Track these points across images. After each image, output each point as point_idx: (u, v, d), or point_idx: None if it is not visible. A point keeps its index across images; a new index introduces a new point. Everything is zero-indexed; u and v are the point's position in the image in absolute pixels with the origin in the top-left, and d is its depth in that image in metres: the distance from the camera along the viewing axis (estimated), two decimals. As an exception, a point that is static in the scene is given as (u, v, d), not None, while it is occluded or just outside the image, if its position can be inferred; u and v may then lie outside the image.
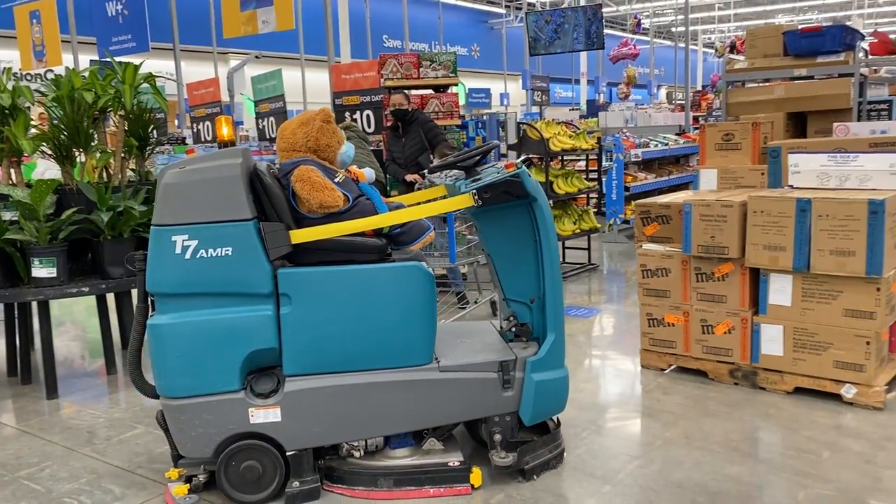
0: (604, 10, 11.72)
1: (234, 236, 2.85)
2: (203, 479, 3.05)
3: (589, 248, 7.98)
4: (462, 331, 3.61)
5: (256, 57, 13.28)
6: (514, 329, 3.34)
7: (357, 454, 3.08)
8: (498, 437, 3.13)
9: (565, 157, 8.22)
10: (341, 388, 2.99)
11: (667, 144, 10.41)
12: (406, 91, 6.79)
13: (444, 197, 3.42)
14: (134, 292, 4.87)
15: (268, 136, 9.94)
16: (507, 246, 3.25)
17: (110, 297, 4.98)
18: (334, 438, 3.05)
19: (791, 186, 4.25)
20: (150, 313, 3.00)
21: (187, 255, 2.84)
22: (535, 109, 20.39)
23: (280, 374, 3.00)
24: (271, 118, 9.72)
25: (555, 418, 3.38)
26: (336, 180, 3.14)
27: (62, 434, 3.87)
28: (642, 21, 25.98)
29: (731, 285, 4.19)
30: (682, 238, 4.28)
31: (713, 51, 23.13)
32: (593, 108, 17.90)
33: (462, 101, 17.26)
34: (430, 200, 3.46)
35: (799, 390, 4.00)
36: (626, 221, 9.36)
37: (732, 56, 13.87)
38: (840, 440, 3.45)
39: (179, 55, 13.56)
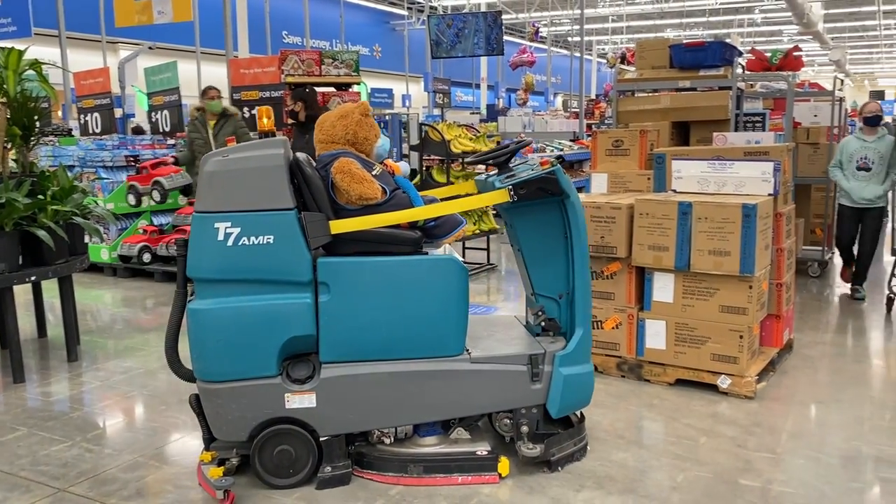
0: (504, 17, 12.00)
1: (276, 225, 2.90)
2: (236, 462, 3.09)
3: (488, 249, 8.19)
4: (491, 324, 3.68)
5: (150, 48, 12.79)
6: (542, 323, 3.39)
7: (387, 441, 3.16)
8: (525, 428, 3.19)
9: (465, 160, 8.37)
10: (375, 375, 3.05)
11: (562, 150, 10.76)
12: (302, 90, 6.72)
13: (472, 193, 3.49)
14: (17, 288, 4.64)
15: (161, 130, 9.59)
16: (538, 242, 3.33)
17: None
18: (366, 425, 3.12)
19: (674, 191, 4.52)
20: (189, 298, 3.02)
21: (229, 242, 2.88)
22: (436, 112, 20.58)
23: (316, 361, 3.05)
24: (165, 111, 9.38)
25: (578, 412, 3.45)
26: (374, 173, 3.16)
27: (-66, 439, 3.64)
28: (540, 30, 26.70)
29: (618, 283, 4.42)
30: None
31: (606, 61, 24.07)
32: (493, 113, 18.23)
33: (364, 101, 17.19)
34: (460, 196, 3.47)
35: (680, 382, 4.26)
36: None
37: (623, 67, 14.50)
38: (716, 427, 3.71)
39: (65, 42, 12.87)
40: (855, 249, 6.50)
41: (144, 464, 3.37)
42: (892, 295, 5.90)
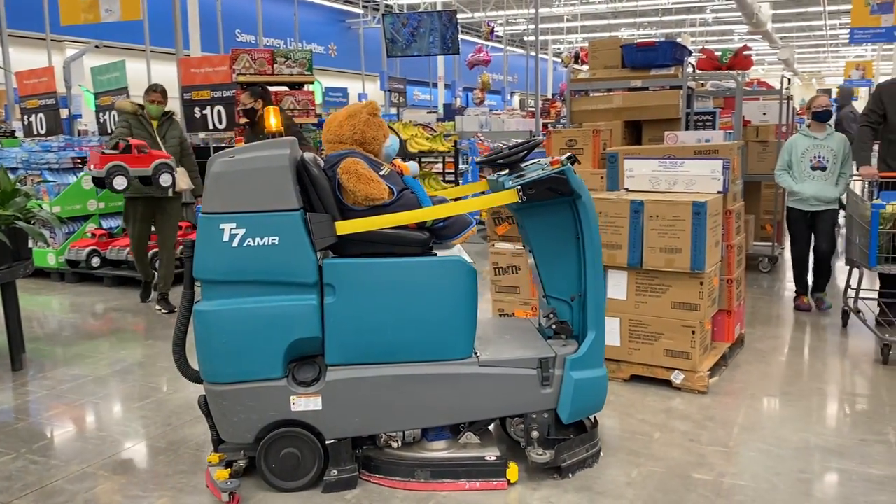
0: (459, 16, 12.01)
1: (281, 226, 2.88)
2: (243, 465, 3.08)
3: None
4: (502, 326, 3.61)
5: (97, 47, 12.47)
6: (553, 326, 3.33)
7: (395, 445, 3.12)
8: (535, 433, 3.14)
9: (423, 159, 8.37)
10: (382, 378, 3.01)
11: (518, 148, 10.81)
12: (256, 88, 6.64)
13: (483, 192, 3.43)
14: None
15: (109, 131, 9.36)
16: (549, 243, 3.26)
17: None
18: (373, 429, 3.07)
19: (626, 189, 4.57)
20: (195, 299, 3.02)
21: (234, 243, 2.87)
22: (393, 111, 20.52)
23: (322, 363, 3.02)
24: (114, 112, 9.17)
25: (591, 417, 3.40)
26: (381, 173, 3.11)
27: None
28: (496, 29, 26.82)
29: (522, 278, 4.44)
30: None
31: (561, 61, 24.29)
32: (450, 112, 18.23)
33: (318, 100, 17.06)
34: (469, 196, 3.44)
35: (635, 378, 4.31)
36: (480, 222, 9.64)
37: (577, 67, 14.63)
38: (669, 422, 3.76)
39: (7, 41, 12.49)
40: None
41: (93, 474, 3.28)
42: (847, 308, 5.39)
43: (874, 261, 4.68)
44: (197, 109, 8.08)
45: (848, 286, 5.40)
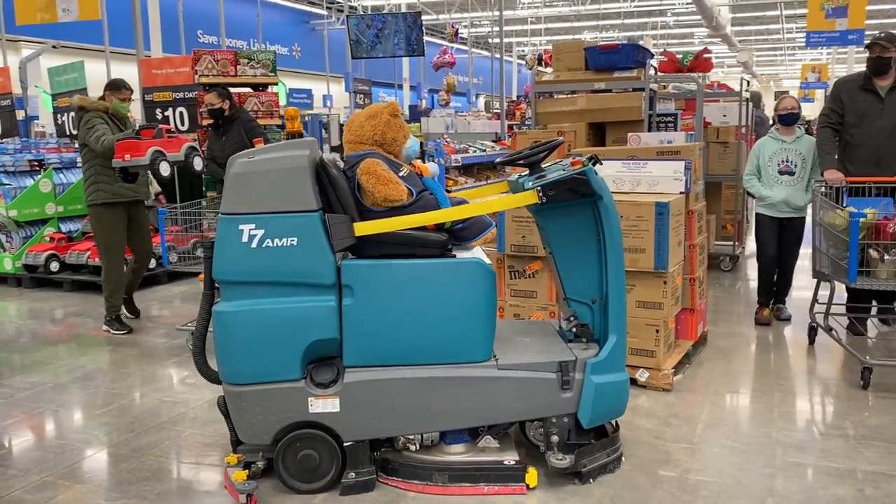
0: (424, 18, 12.02)
1: (299, 227, 2.88)
2: (262, 466, 3.07)
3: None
4: (522, 329, 3.56)
5: (54, 47, 12.23)
6: (574, 329, 3.29)
7: (413, 448, 3.09)
8: (555, 438, 3.10)
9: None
10: (400, 381, 3.00)
11: (484, 150, 10.85)
12: (222, 88, 6.57)
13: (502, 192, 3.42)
14: None
15: (68, 133, 9.18)
16: (570, 244, 3.22)
17: None
18: (391, 431, 3.06)
19: (592, 190, 4.60)
20: (216, 300, 3.02)
21: (253, 244, 2.87)
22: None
23: (340, 365, 3.01)
24: (72, 113, 8.99)
25: (613, 422, 3.37)
26: (401, 174, 3.09)
27: None
28: (460, 31, 26.89)
29: (540, 282, 4.48)
30: (497, 238, 4.51)
31: (525, 63, 24.45)
32: (416, 114, 18.22)
33: (282, 101, 16.92)
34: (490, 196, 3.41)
35: (601, 377, 4.35)
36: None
37: (541, 69, 14.74)
38: (635, 420, 3.80)
39: (-39, 40, 12.17)
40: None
41: (53, 483, 3.21)
42: (814, 324, 5.04)
43: (854, 275, 4.25)
44: (158, 111, 7.95)
45: (815, 300, 5.01)
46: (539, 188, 3.00)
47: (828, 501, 2.99)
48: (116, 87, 5.71)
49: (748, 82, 8.98)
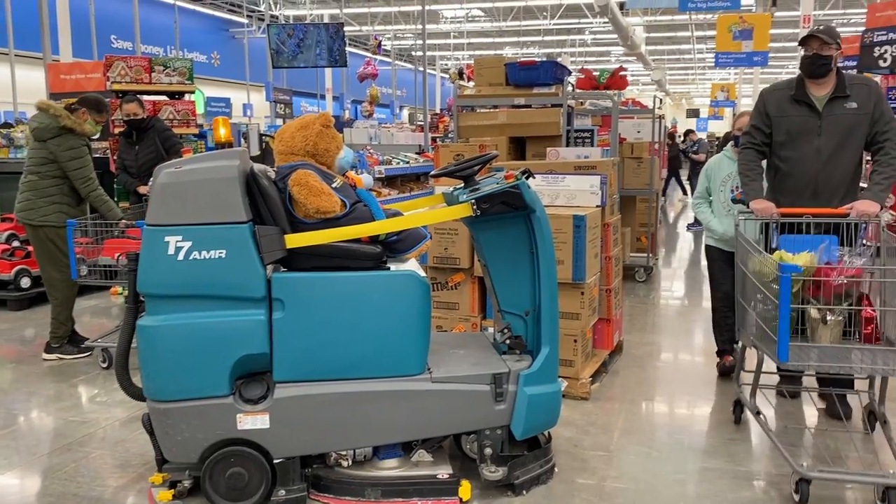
0: (347, 29, 11.97)
1: (228, 239, 2.80)
2: (188, 485, 2.97)
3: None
4: (455, 341, 3.52)
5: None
6: (507, 341, 3.27)
7: (345, 463, 3.04)
8: (488, 450, 3.09)
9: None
10: (332, 396, 2.94)
11: (408, 162, 10.87)
12: (140, 98, 6.37)
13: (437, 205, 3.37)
14: None
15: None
16: (504, 257, 3.21)
17: None
18: (323, 447, 3.00)
19: (512, 203, 4.67)
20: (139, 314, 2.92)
21: (180, 257, 2.78)
22: (279, 122, 20.14)
23: (270, 380, 2.94)
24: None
25: (546, 433, 3.35)
26: (334, 185, 3.01)
27: None
28: (384, 43, 26.91)
29: (462, 293, 4.51)
30: (418, 250, 4.52)
31: (448, 76, 24.68)
32: (339, 124, 18.11)
33: (200, 110, 16.51)
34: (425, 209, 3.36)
35: (521, 387, 4.40)
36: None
37: (462, 83, 14.91)
38: (554, 428, 3.86)
39: None
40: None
41: (-54, 513, 3.01)
42: (742, 401, 3.88)
43: (785, 353, 2.98)
44: (67, 118, 7.61)
45: (741, 367, 3.94)
46: (473, 201, 3.02)
47: (735, 504, 3.11)
48: (99, 109, 5.27)
49: (661, 100, 9.32)
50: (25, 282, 6.67)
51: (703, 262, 5.34)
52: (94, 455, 3.59)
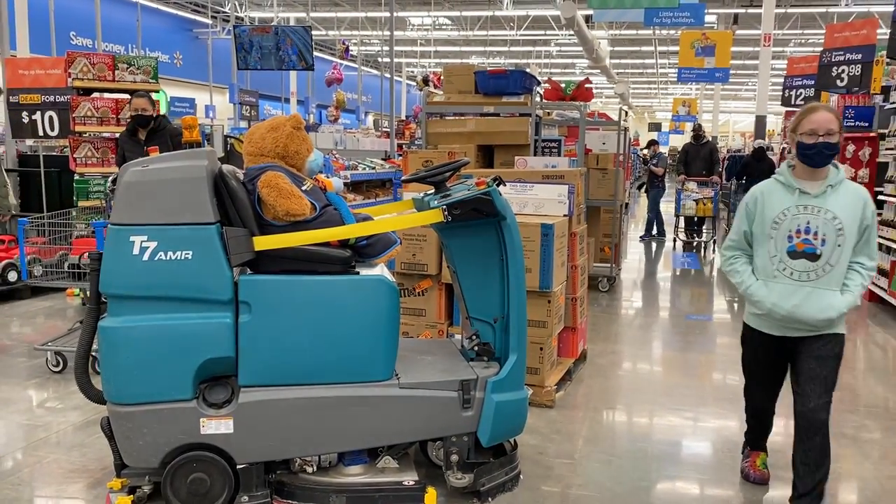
0: (314, 34, 11.90)
1: (195, 240, 2.75)
2: (147, 491, 2.91)
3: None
4: (423, 347, 3.47)
5: None
6: (475, 348, 3.24)
7: (310, 470, 2.99)
8: (455, 457, 3.05)
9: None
10: (298, 401, 2.89)
11: (374, 168, 10.83)
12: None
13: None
14: None
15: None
16: (473, 264, 3.19)
17: None
18: (288, 453, 2.95)
19: (480, 210, 4.68)
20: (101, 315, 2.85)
21: (145, 257, 2.73)
22: (243, 124, 19.92)
23: (234, 385, 2.89)
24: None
25: (512, 440, 3.31)
26: (303, 188, 2.95)
27: None
28: (350, 48, 26.83)
29: (429, 300, 4.50)
30: (386, 256, 4.49)
31: (415, 83, 24.70)
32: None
33: (163, 110, 16.24)
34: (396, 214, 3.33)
35: (486, 395, 4.40)
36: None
37: (430, 90, 14.93)
38: (520, 436, 3.86)
39: None
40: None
41: None
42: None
43: None
44: (25, 114, 7.45)
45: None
46: (444, 207, 3.00)
47: (698, 511, 3.15)
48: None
49: (627, 113, 9.46)
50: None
51: (667, 275, 5.40)
52: (49, 460, 3.48)
